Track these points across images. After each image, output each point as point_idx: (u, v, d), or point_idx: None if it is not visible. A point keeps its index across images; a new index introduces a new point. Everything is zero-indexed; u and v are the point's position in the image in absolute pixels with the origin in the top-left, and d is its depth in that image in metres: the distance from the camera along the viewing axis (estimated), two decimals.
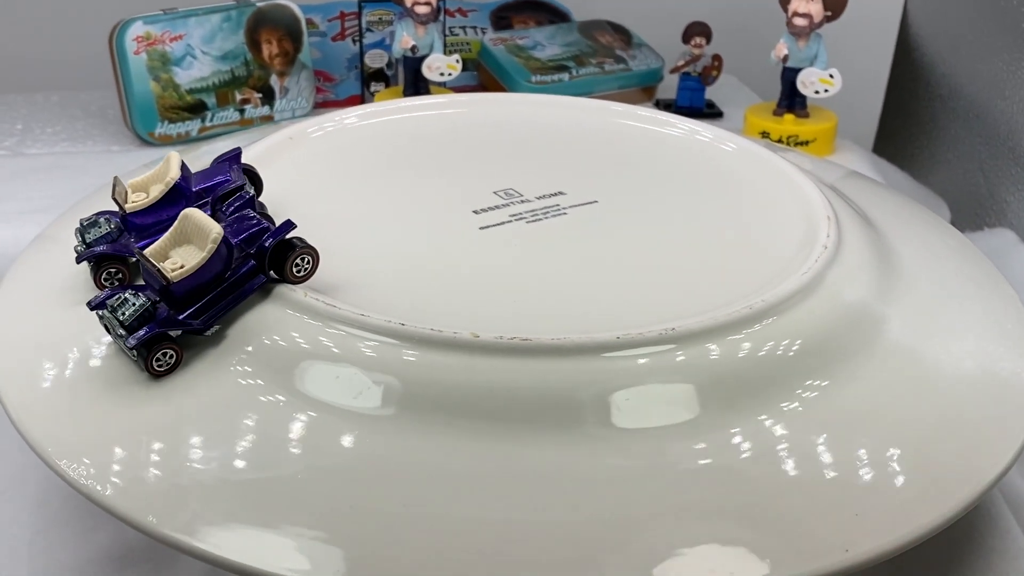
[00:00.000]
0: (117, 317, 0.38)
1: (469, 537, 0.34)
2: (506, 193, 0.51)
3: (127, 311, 0.38)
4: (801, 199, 0.50)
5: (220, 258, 0.39)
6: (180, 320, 0.39)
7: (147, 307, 0.38)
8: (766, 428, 0.38)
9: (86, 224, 0.44)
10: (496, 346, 0.38)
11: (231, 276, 0.40)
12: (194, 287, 0.39)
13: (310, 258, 0.41)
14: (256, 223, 0.40)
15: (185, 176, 0.44)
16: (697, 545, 0.34)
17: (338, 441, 0.37)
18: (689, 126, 0.60)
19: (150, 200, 0.43)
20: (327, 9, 0.83)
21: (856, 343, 0.42)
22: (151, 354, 0.38)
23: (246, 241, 0.40)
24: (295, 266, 0.40)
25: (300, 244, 0.40)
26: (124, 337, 0.38)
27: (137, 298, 0.38)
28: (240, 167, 0.46)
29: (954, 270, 0.50)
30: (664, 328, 0.38)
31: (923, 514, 0.36)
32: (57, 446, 0.37)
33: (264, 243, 0.40)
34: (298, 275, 0.40)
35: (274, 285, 0.41)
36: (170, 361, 0.39)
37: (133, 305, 0.38)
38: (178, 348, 0.39)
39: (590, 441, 0.37)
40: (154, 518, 0.34)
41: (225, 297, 0.40)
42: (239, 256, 0.40)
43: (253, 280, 0.40)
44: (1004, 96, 0.84)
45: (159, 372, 0.39)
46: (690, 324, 0.39)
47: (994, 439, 0.40)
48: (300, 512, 0.35)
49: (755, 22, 0.95)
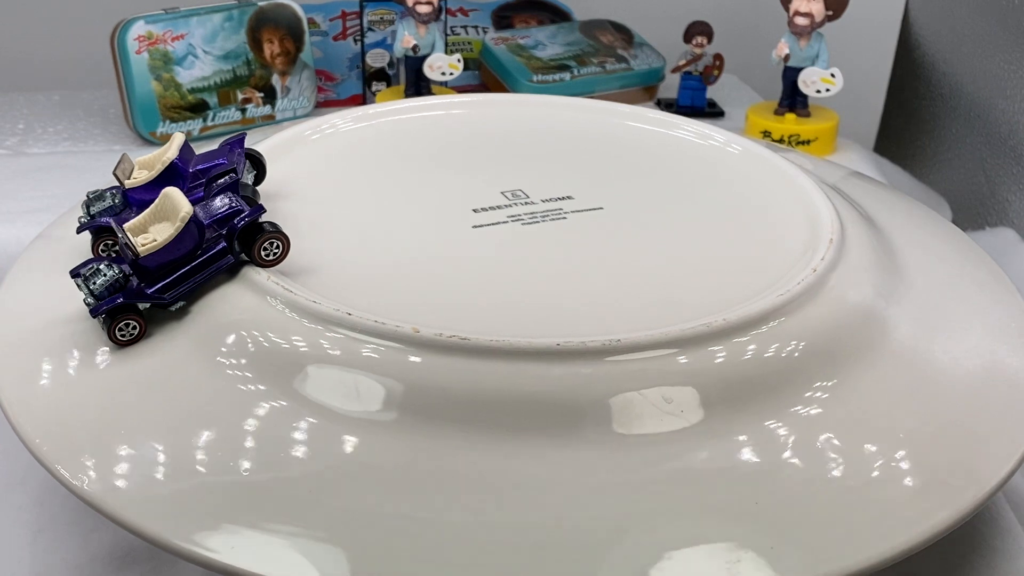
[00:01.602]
0: (88, 286, 0.40)
1: (471, 542, 0.34)
2: (513, 195, 0.51)
3: (98, 280, 0.40)
4: (804, 200, 0.50)
5: (191, 236, 0.41)
6: (148, 294, 0.40)
7: (118, 278, 0.40)
8: (772, 432, 0.38)
9: (92, 197, 0.46)
10: (497, 350, 0.37)
11: (202, 255, 0.41)
12: (166, 263, 0.40)
13: (279, 243, 0.42)
14: (230, 205, 0.42)
15: (184, 157, 0.45)
16: (701, 549, 0.34)
17: (339, 446, 0.36)
18: (696, 128, 0.59)
19: (148, 178, 0.44)
20: (329, 8, 0.83)
21: (861, 344, 0.41)
22: (114, 323, 0.40)
23: (218, 221, 0.41)
24: (263, 249, 0.41)
25: (270, 228, 0.42)
26: (91, 305, 0.40)
27: (110, 269, 0.40)
28: (242, 151, 0.47)
29: (957, 270, 0.50)
30: (667, 331, 0.38)
31: (932, 517, 0.36)
32: (54, 448, 0.37)
33: (235, 224, 0.41)
34: (267, 259, 0.42)
35: (277, 290, 0.40)
36: (133, 332, 0.40)
37: (104, 275, 0.40)
38: (141, 320, 0.40)
39: (593, 446, 0.36)
40: (152, 523, 0.34)
41: (195, 275, 0.41)
42: (211, 236, 0.41)
43: (222, 260, 0.41)
44: (1005, 95, 0.84)
45: (121, 341, 0.40)
46: (694, 327, 0.38)
47: (1000, 439, 0.39)
48: (301, 517, 0.34)
49: (756, 21, 0.95)
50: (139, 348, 0.41)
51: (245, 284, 0.41)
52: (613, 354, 0.38)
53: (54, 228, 0.51)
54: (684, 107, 0.85)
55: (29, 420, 0.38)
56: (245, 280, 0.42)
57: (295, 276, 0.42)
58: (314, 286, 0.41)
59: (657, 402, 0.37)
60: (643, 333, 0.38)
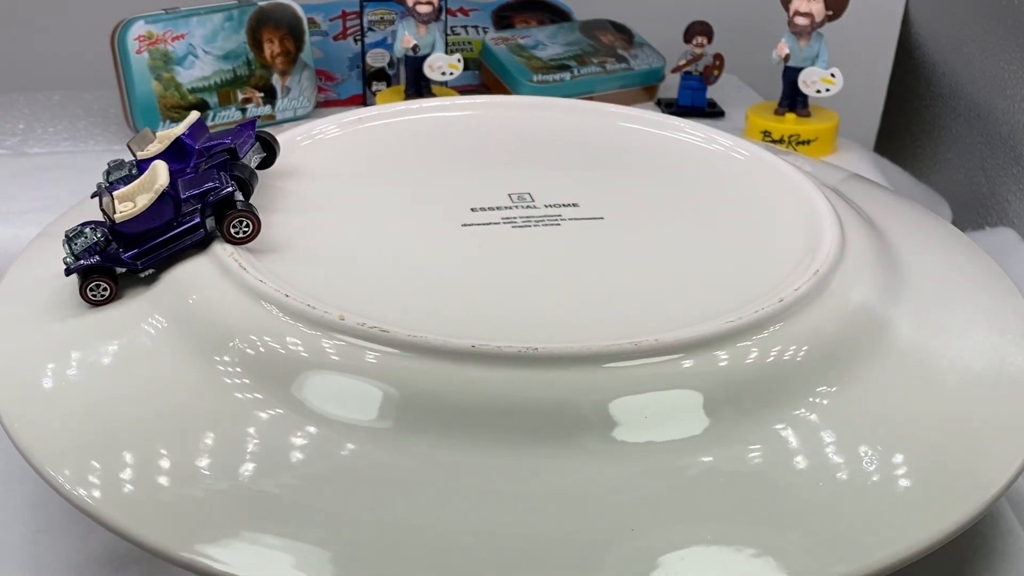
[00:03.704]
0: (70, 246, 0.43)
1: (471, 550, 0.34)
2: (519, 197, 0.51)
3: (79, 241, 0.43)
4: (804, 202, 0.50)
5: (167, 208, 0.43)
6: (123, 259, 0.43)
7: (98, 241, 0.43)
8: (777, 436, 0.37)
9: (113, 166, 0.48)
10: (497, 356, 0.37)
11: (177, 227, 0.43)
12: (142, 231, 0.43)
13: (248, 222, 0.43)
14: (210, 183, 0.43)
15: (196, 134, 0.47)
16: (706, 554, 0.34)
17: (336, 453, 0.36)
18: (702, 132, 0.58)
19: (157, 151, 0.46)
20: (329, 8, 0.83)
21: (864, 346, 0.41)
22: (86, 282, 0.42)
23: (196, 196, 0.43)
24: (232, 227, 0.43)
25: (241, 207, 0.43)
26: (68, 264, 0.43)
27: (93, 233, 0.43)
28: (251, 134, 0.49)
29: (958, 271, 0.50)
30: (668, 335, 0.38)
31: (940, 520, 0.36)
32: (50, 456, 0.37)
33: (207, 200, 0.43)
34: (236, 236, 0.43)
35: (276, 295, 0.40)
36: (104, 294, 0.43)
37: (85, 237, 0.43)
38: (112, 283, 0.43)
39: (594, 453, 0.36)
40: (149, 532, 0.34)
41: (168, 245, 0.43)
42: (187, 210, 0.43)
43: (195, 233, 0.43)
44: (1005, 95, 0.84)
45: (93, 301, 0.43)
46: (696, 331, 0.38)
47: (1006, 439, 0.39)
48: (297, 525, 0.34)
49: (757, 21, 0.95)
50: (137, 349, 0.41)
51: (239, 287, 0.41)
52: (614, 360, 0.37)
53: (54, 227, 0.51)
54: (684, 107, 0.84)
55: (24, 427, 0.38)
56: (239, 283, 0.41)
57: (291, 279, 0.42)
58: (296, 283, 0.41)
59: (658, 408, 0.37)
60: (645, 338, 0.38)
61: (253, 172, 0.48)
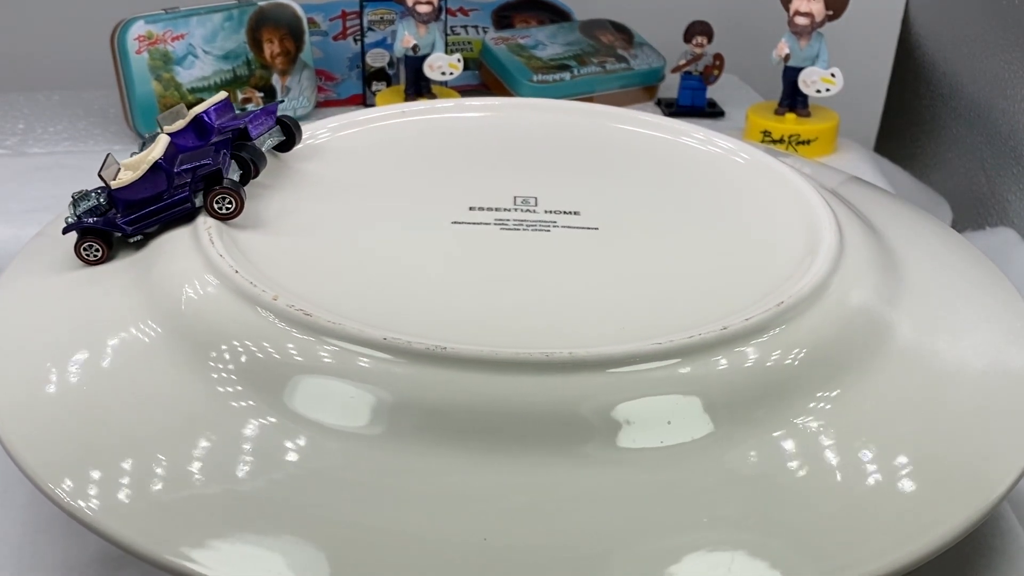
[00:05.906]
0: (75, 207, 0.46)
1: (463, 559, 0.33)
2: (523, 200, 0.50)
3: (83, 204, 0.46)
4: (803, 205, 0.50)
5: (160, 179, 0.45)
6: (118, 223, 0.46)
7: (99, 205, 0.46)
8: (777, 440, 0.37)
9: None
10: (495, 361, 0.36)
11: (168, 198, 0.46)
12: (138, 199, 0.45)
13: (232, 199, 0.46)
14: (205, 160, 0.46)
15: (223, 112, 0.49)
16: (707, 560, 0.34)
17: (328, 458, 0.36)
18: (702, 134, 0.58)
19: (183, 124, 0.48)
20: (328, 8, 0.83)
21: (864, 349, 0.41)
22: (81, 241, 0.45)
23: (188, 171, 0.46)
24: (215, 202, 0.46)
25: (228, 185, 0.46)
26: (69, 223, 0.46)
27: (98, 198, 0.46)
28: (270, 117, 0.51)
29: (957, 272, 0.49)
30: (668, 339, 0.38)
31: (942, 524, 0.36)
32: (42, 463, 0.37)
33: (197, 175, 0.46)
34: (219, 211, 0.46)
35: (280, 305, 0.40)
36: (96, 255, 0.46)
37: (89, 200, 0.46)
38: (104, 245, 0.46)
39: (592, 460, 0.36)
40: (139, 538, 0.34)
41: (159, 214, 0.46)
42: (180, 183, 0.46)
43: (183, 206, 0.46)
44: (1006, 95, 0.84)
45: (87, 260, 0.46)
46: (696, 335, 0.38)
47: (1008, 441, 0.39)
48: (289, 531, 0.34)
49: (757, 21, 0.95)
50: (135, 350, 0.41)
51: (233, 292, 0.41)
52: (612, 365, 0.37)
53: (53, 227, 0.51)
54: (684, 107, 0.84)
55: (15, 431, 0.38)
56: (233, 288, 0.41)
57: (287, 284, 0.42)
58: (293, 289, 0.41)
59: (656, 413, 0.37)
60: (642, 343, 0.37)
61: (261, 154, 0.49)
